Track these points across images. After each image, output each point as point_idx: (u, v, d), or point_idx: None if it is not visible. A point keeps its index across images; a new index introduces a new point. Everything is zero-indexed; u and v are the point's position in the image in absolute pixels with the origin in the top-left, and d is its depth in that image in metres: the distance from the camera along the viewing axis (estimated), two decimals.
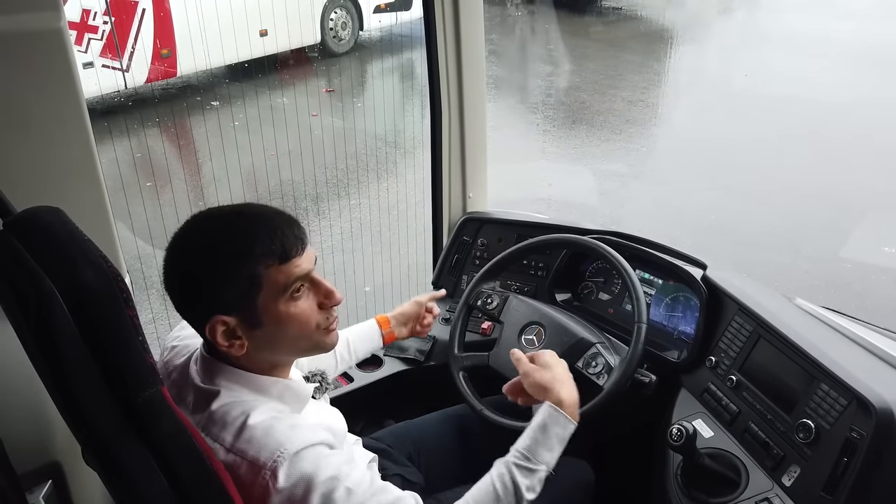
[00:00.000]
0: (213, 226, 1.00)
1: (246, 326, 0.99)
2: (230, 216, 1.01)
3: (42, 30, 1.06)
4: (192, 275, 0.97)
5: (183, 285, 0.99)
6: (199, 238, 0.99)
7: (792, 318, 1.43)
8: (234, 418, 0.97)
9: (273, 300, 0.99)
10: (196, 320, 1.01)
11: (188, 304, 1.00)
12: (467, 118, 1.99)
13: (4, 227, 0.81)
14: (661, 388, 1.44)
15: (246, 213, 1.02)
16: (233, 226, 0.99)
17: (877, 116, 6.11)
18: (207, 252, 0.97)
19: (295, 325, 1.02)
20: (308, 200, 4.27)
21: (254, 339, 1.01)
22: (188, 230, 1.00)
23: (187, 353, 1.11)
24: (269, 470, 0.93)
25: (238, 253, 0.96)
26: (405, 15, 7.15)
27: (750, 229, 4.29)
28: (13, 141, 1.09)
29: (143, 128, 5.17)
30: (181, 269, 0.98)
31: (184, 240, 0.99)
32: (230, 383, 1.02)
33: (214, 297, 0.97)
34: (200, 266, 0.97)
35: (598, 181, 4.96)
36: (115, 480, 0.86)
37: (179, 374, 1.08)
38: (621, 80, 7.06)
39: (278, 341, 1.03)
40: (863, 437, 1.15)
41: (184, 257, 0.98)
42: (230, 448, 0.95)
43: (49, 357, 0.79)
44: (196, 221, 1.01)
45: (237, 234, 0.98)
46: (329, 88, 6.41)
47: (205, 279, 0.97)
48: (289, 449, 0.94)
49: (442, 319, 1.94)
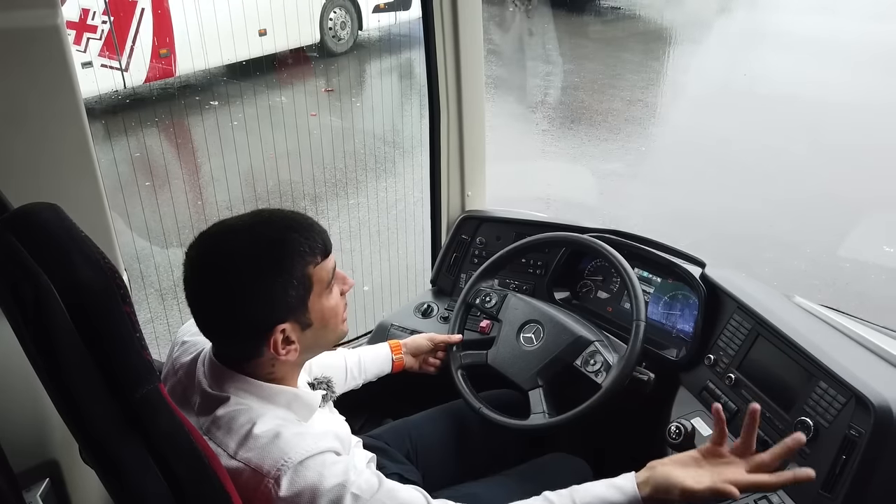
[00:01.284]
0: (247, 238, 0.97)
1: (300, 329, 1.00)
2: (260, 225, 0.99)
3: (39, 27, 1.06)
4: (241, 293, 0.95)
5: (228, 306, 0.96)
6: (235, 253, 0.96)
7: (791, 317, 1.43)
8: (241, 425, 0.97)
9: (319, 297, 1.01)
10: (246, 337, 0.99)
11: (234, 323, 0.98)
12: (466, 117, 1.99)
13: (1, 224, 0.80)
14: (659, 387, 1.44)
15: (273, 219, 1.00)
16: (271, 233, 0.98)
17: (876, 116, 6.11)
18: (257, 260, 0.95)
19: (332, 318, 1.05)
20: (307, 200, 4.27)
21: (304, 341, 1.02)
22: (212, 249, 0.97)
23: (195, 350, 1.11)
24: (272, 479, 0.92)
25: (292, 256, 0.97)
26: (404, 15, 7.15)
27: (749, 228, 4.29)
28: (10, 137, 1.09)
29: (141, 127, 5.17)
30: (222, 290, 0.96)
31: (213, 259, 0.96)
32: (239, 391, 1.01)
33: (274, 308, 0.96)
34: (251, 280, 0.95)
35: (596, 180, 4.97)
36: (113, 478, 0.86)
37: (185, 374, 1.08)
38: (620, 80, 7.06)
39: (320, 338, 1.05)
40: (861, 435, 1.15)
41: (223, 277, 0.95)
42: (234, 455, 0.95)
43: (46, 354, 0.79)
44: (217, 239, 0.98)
45: (282, 239, 0.97)
46: (328, 88, 6.42)
47: (260, 293, 0.95)
48: (293, 458, 0.93)
49: (440, 318, 1.94)
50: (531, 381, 1.49)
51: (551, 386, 1.49)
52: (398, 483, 1.04)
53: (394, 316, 1.98)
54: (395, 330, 1.92)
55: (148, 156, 4.82)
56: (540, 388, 1.48)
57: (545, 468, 1.52)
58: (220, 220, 1.02)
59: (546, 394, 1.47)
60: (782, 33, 8.77)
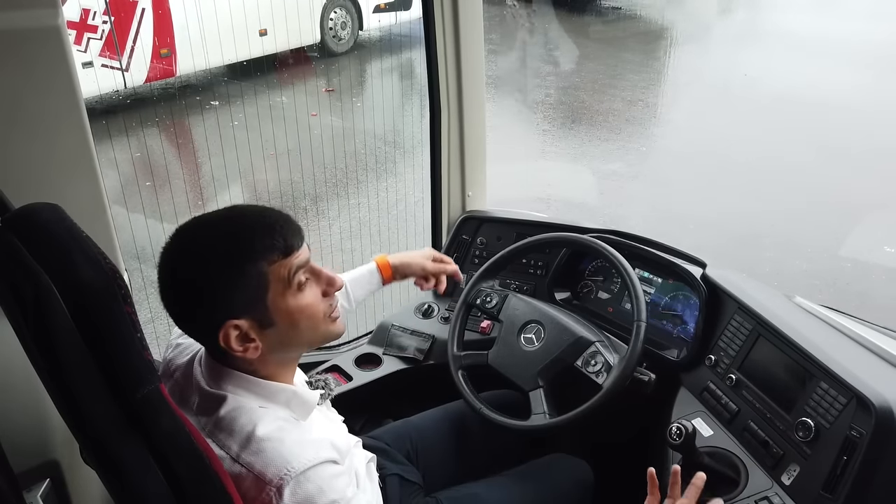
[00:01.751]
0: (210, 232, 0.99)
1: (259, 327, 0.99)
2: (224, 220, 1.00)
3: (40, 27, 1.06)
4: (195, 284, 0.96)
5: (186, 297, 0.97)
6: (196, 246, 0.97)
7: (791, 317, 1.43)
8: (242, 426, 0.97)
9: (281, 296, 0.99)
10: (203, 331, 0.99)
11: (193, 315, 0.99)
12: (466, 117, 1.98)
13: (2, 224, 0.80)
14: (660, 387, 1.44)
15: (239, 215, 1.01)
16: (231, 228, 0.99)
17: (877, 116, 6.11)
18: (210, 258, 0.96)
19: (305, 318, 1.02)
20: (307, 200, 4.27)
21: (267, 340, 1.00)
22: (181, 241, 0.98)
23: (191, 351, 1.10)
24: (274, 487, 0.92)
25: (242, 253, 0.96)
26: (405, 15, 7.14)
27: (749, 228, 4.29)
28: (11, 138, 1.09)
29: (142, 127, 5.16)
30: (181, 280, 0.97)
31: (179, 251, 0.97)
32: (237, 388, 1.01)
33: (224, 303, 0.96)
34: (204, 273, 0.95)
35: (597, 181, 4.96)
36: (113, 478, 0.86)
37: (182, 375, 1.07)
38: (621, 80, 7.06)
39: (291, 338, 1.03)
40: (862, 436, 1.14)
41: (183, 268, 0.97)
42: (236, 458, 0.95)
43: (47, 354, 0.79)
44: (187, 231, 0.99)
45: (238, 234, 0.97)
46: (329, 88, 6.41)
47: (210, 286, 0.95)
48: (295, 468, 0.93)
49: (441, 318, 1.94)
50: (532, 382, 1.49)
51: (552, 386, 1.49)
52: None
53: (394, 316, 1.98)
54: (395, 330, 1.91)
55: (149, 156, 4.82)
56: (540, 389, 1.48)
57: (546, 469, 1.52)
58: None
59: (547, 394, 1.47)
60: (783, 33, 8.77)
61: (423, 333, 1.89)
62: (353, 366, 1.84)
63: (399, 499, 1.39)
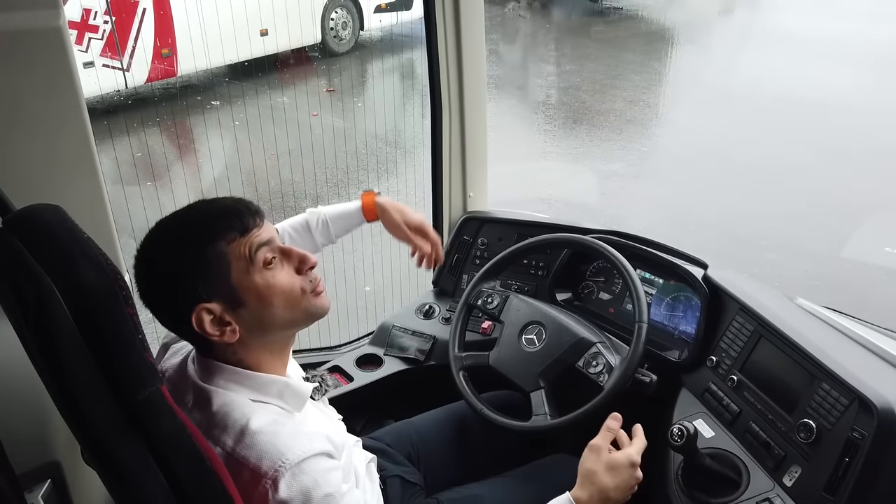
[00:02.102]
0: (170, 221, 1.03)
1: (230, 309, 1.00)
2: (184, 210, 1.04)
3: (41, 28, 1.06)
4: (162, 273, 0.99)
5: (157, 287, 1.00)
6: (159, 237, 1.01)
7: (793, 318, 1.43)
8: (235, 421, 0.97)
9: (246, 273, 1.00)
10: (179, 321, 1.00)
11: (167, 305, 1.01)
12: (468, 117, 1.98)
13: (4, 225, 0.80)
14: (661, 388, 1.43)
15: (195, 205, 1.04)
16: (189, 216, 1.02)
17: (879, 117, 6.10)
18: (171, 245, 0.99)
19: (279, 296, 1.02)
20: (308, 200, 4.27)
21: (242, 321, 1.01)
22: (149, 236, 1.02)
23: (184, 353, 1.11)
24: (269, 479, 0.92)
25: (199, 236, 0.98)
26: (406, 15, 7.15)
27: (751, 229, 4.29)
28: (12, 139, 1.09)
29: (143, 127, 5.17)
30: (151, 272, 1.00)
31: (147, 245, 1.01)
32: (228, 382, 1.02)
33: (189, 289, 0.98)
34: (168, 260, 0.98)
35: (598, 181, 4.96)
36: (114, 479, 0.86)
37: (176, 374, 1.08)
38: (622, 80, 7.06)
39: (268, 317, 1.03)
40: (864, 438, 1.14)
41: (150, 259, 1.00)
42: (231, 453, 0.95)
43: (48, 355, 0.79)
44: (154, 226, 1.03)
45: (195, 220, 1.01)
46: (329, 88, 6.42)
47: (174, 272, 0.98)
48: (290, 460, 0.93)
49: (442, 319, 1.94)
50: (533, 383, 1.49)
51: (553, 387, 1.49)
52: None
53: (395, 317, 1.98)
54: (396, 331, 1.91)
55: (150, 156, 4.83)
56: (542, 390, 1.48)
57: (547, 470, 1.52)
58: None
59: (548, 395, 1.47)
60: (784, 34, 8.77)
61: (424, 334, 1.89)
62: (354, 366, 1.84)
63: (400, 500, 1.39)
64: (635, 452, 1.19)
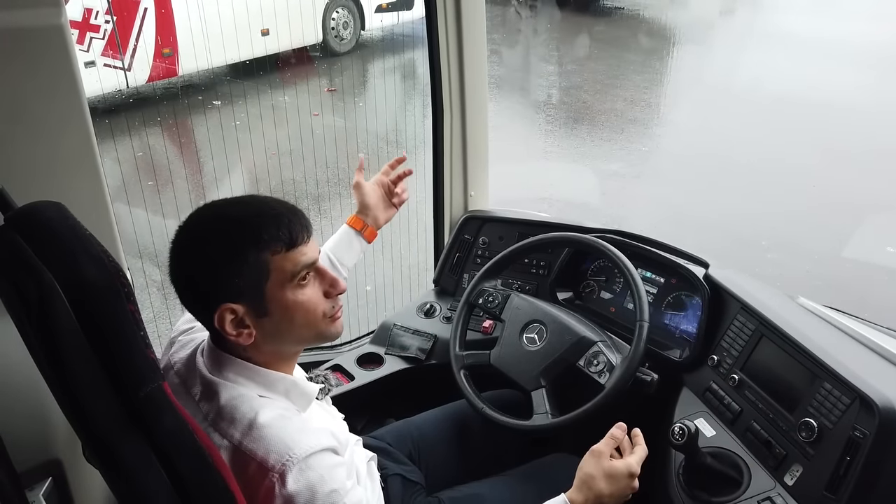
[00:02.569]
0: (218, 215, 1.01)
1: (253, 315, 1.00)
2: (234, 206, 1.03)
3: (43, 26, 1.06)
4: (198, 265, 0.98)
5: (189, 276, 0.99)
6: (204, 228, 1.00)
7: (794, 317, 1.43)
8: (243, 414, 0.97)
9: (280, 288, 1.00)
10: (203, 311, 1.01)
11: (194, 295, 1.01)
12: (469, 117, 1.98)
13: (6, 222, 0.80)
14: (662, 387, 1.43)
15: (250, 202, 1.03)
16: (238, 214, 1.01)
17: (880, 117, 6.10)
18: (214, 241, 0.98)
19: (301, 314, 1.03)
20: (309, 199, 4.27)
21: (261, 328, 1.01)
22: (192, 222, 1.00)
23: (193, 346, 1.11)
24: (276, 473, 0.93)
25: (245, 239, 0.97)
26: (407, 14, 7.15)
27: (752, 229, 4.28)
28: (14, 136, 1.09)
29: (144, 127, 5.17)
30: (187, 260, 0.99)
31: (188, 231, 1.00)
32: (237, 376, 1.02)
33: (222, 286, 0.97)
34: (207, 255, 0.97)
35: (599, 181, 4.96)
36: (116, 476, 0.86)
37: (185, 366, 1.08)
38: (623, 80, 7.06)
39: (285, 330, 1.04)
40: (866, 437, 1.14)
41: (190, 248, 0.99)
42: (238, 445, 0.95)
43: (50, 352, 0.79)
44: (199, 213, 1.01)
45: (243, 221, 0.99)
46: (331, 88, 6.42)
47: (211, 268, 0.97)
48: (297, 454, 0.94)
49: (443, 318, 1.94)
50: (534, 382, 1.49)
51: (554, 386, 1.49)
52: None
53: (396, 316, 1.98)
54: (397, 330, 1.91)
55: (151, 155, 4.83)
56: (543, 389, 1.48)
57: (548, 469, 1.52)
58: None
59: (549, 394, 1.47)
60: (786, 34, 8.76)
61: (425, 333, 1.89)
62: (354, 365, 1.84)
63: (401, 499, 1.39)
64: (635, 462, 1.19)
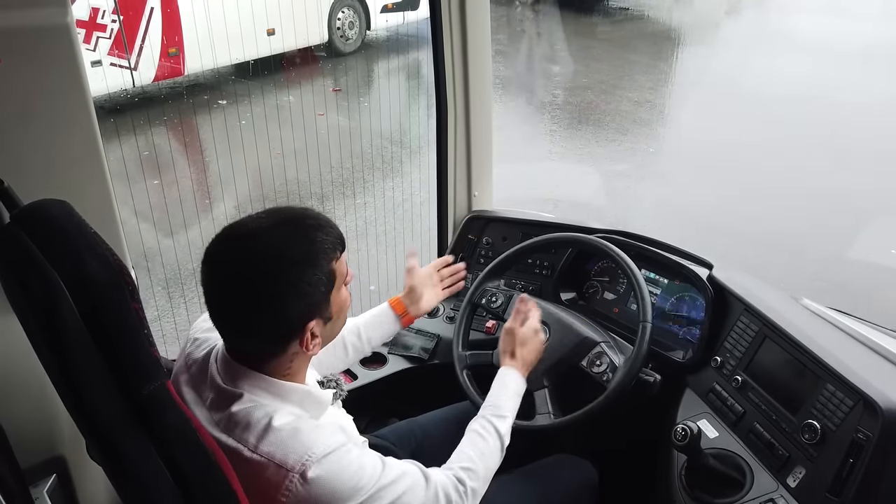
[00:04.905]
0: (278, 238, 0.96)
1: (323, 324, 1.02)
2: (284, 225, 0.98)
3: (49, 25, 1.07)
4: (276, 292, 0.94)
5: (261, 306, 0.95)
6: (268, 253, 0.95)
7: (798, 319, 1.42)
8: (258, 420, 0.98)
9: (338, 291, 1.03)
10: (274, 337, 0.98)
11: (268, 322, 0.96)
12: (473, 117, 1.98)
13: (11, 220, 0.81)
14: (665, 388, 1.43)
15: (293, 218, 1.00)
16: (297, 232, 0.98)
17: (885, 118, 6.07)
18: (288, 263, 0.95)
19: (344, 311, 1.07)
20: (314, 199, 4.28)
21: (324, 335, 1.03)
22: (243, 250, 0.95)
23: (208, 346, 1.10)
24: (297, 473, 0.93)
25: (319, 252, 0.98)
26: (412, 14, 7.16)
27: (757, 230, 4.27)
28: (20, 135, 1.09)
29: (150, 126, 5.19)
30: (253, 290, 0.94)
31: (243, 261, 0.95)
32: (253, 387, 1.01)
33: (305, 305, 0.97)
34: (285, 279, 0.94)
35: (604, 182, 4.95)
36: (119, 474, 0.86)
37: (199, 370, 1.08)
38: (628, 81, 7.04)
39: (334, 331, 1.07)
40: (869, 439, 1.14)
41: (256, 277, 0.94)
42: (254, 450, 0.95)
43: (54, 349, 0.79)
44: (245, 240, 0.96)
45: (310, 236, 0.98)
46: (336, 88, 6.43)
47: (292, 291, 0.95)
48: (316, 453, 0.95)
49: (446, 318, 1.94)
50: (537, 382, 1.49)
51: (557, 387, 1.49)
52: (393, 459, 1.08)
53: None
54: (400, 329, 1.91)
55: (156, 154, 4.84)
56: (545, 389, 1.48)
57: (550, 469, 1.51)
58: (235, 219, 1.01)
59: (551, 394, 1.47)
60: (791, 34, 8.73)
61: (428, 333, 1.89)
62: (358, 365, 1.84)
63: None
64: (535, 322, 1.44)
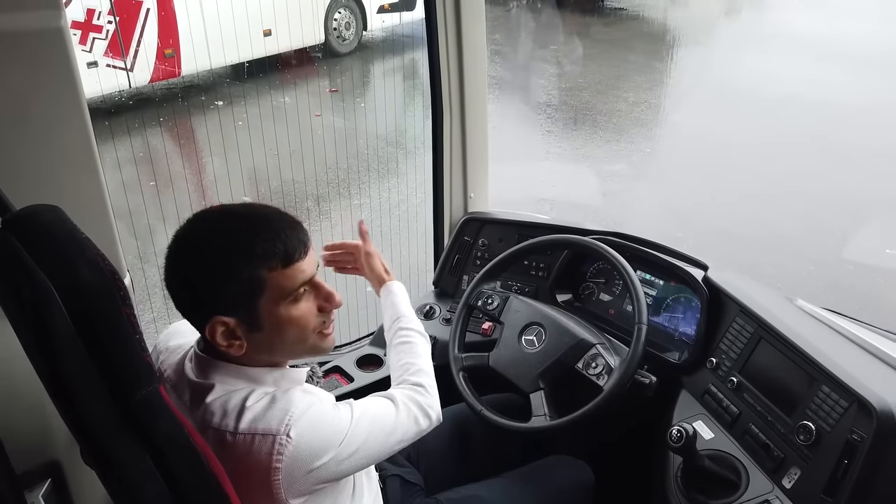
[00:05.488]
0: (214, 226, 0.99)
1: (245, 328, 0.99)
2: (231, 216, 1.00)
3: (43, 28, 1.06)
4: (192, 275, 0.97)
5: (183, 286, 0.98)
6: (199, 239, 0.98)
7: (793, 320, 1.43)
8: (234, 404, 0.98)
9: (275, 304, 0.98)
10: (196, 320, 1.00)
11: (188, 304, 1.00)
12: (469, 118, 1.99)
13: (3, 225, 0.81)
14: (661, 390, 1.43)
15: (247, 214, 1.00)
16: (234, 226, 0.98)
17: (881, 118, 6.09)
18: (208, 253, 0.96)
19: (293, 329, 1.02)
20: (310, 200, 4.28)
21: (252, 341, 1.00)
22: (188, 231, 0.99)
23: (181, 352, 1.11)
24: (283, 434, 0.94)
25: (238, 254, 0.95)
26: (408, 15, 7.15)
27: (753, 231, 4.28)
28: (13, 138, 1.09)
29: (145, 127, 5.18)
30: (182, 269, 0.98)
31: (184, 240, 0.98)
32: (225, 377, 1.02)
33: (214, 298, 0.96)
34: (200, 267, 0.96)
35: (601, 182, 4.96)
36: (112, 479, 0.86)
37: (174, 372, 1.08)
38: (624, 81, 7.05)
39: (276, 345, 1.03)
40: (864, 440, 1.14)
41: (184, 258, 0.98)
42: (236, 431, 0.96)
43: (46, 355, 0.79)
44: (196, 221, 1.00)
45: (238, 234, 0.97)
46: (332, 88, 6.42)
47: (204, 280, 0.96)
48: (295, 412, 0.97)
49: (442, 320, 1.94)
50: (532, 384, 1.49)
51: (553, 388, 1.49)
52: (366, 399, 1.12)
53: None
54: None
55: (152, 156, 4.83)
56: (541, 391, 1.48)
57: (546, 470, 1.52)
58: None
59: (547, 396, 1.47)
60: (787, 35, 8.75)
61: None
62: (354, 367, 1.84)
63: (400, 500, 1.39)
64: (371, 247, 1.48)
